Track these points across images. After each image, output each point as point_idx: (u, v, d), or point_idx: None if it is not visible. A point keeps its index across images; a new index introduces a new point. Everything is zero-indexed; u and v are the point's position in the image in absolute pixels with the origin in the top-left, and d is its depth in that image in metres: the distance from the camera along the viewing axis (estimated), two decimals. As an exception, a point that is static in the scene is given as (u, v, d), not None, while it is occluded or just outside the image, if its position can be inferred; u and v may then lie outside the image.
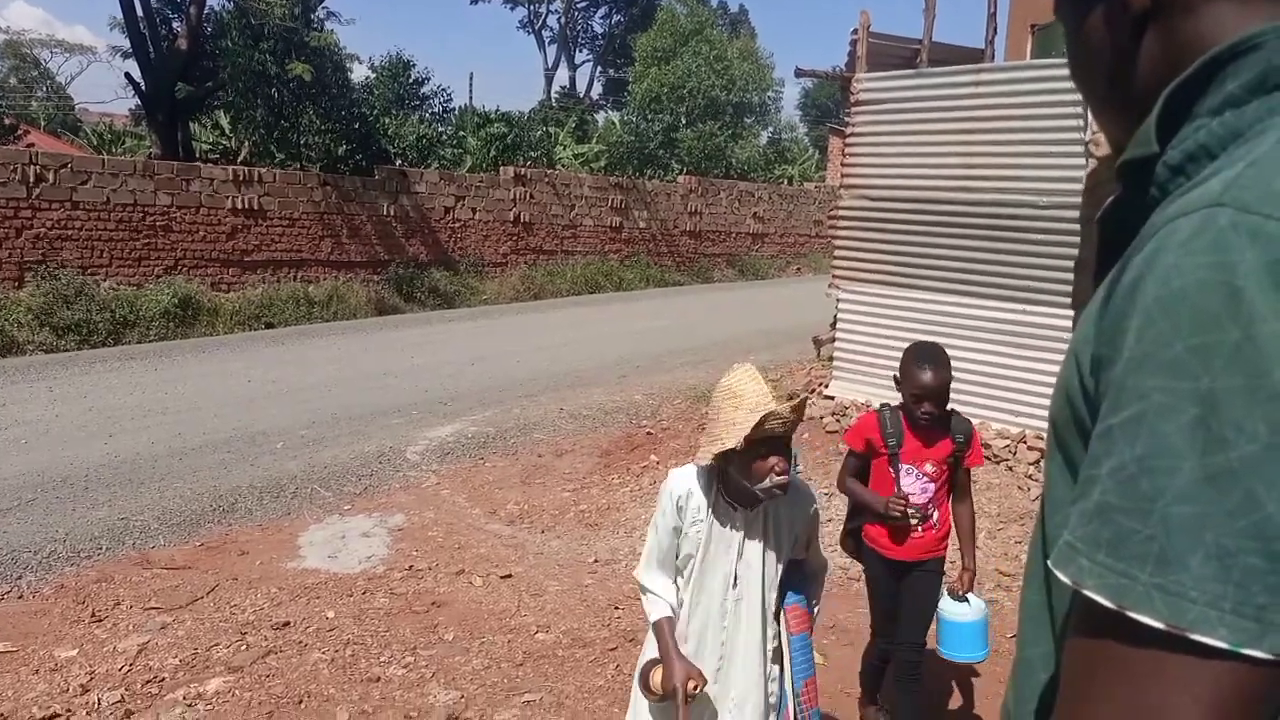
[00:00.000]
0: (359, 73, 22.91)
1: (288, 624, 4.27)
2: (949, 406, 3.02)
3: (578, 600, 4.58)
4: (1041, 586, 0.83)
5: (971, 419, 7.29)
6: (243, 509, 5.81)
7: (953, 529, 3.18)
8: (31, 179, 11.89)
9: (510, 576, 4.85)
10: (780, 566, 2.36)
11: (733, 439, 2.12)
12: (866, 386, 7.71)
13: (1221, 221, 0.61)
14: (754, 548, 2.31)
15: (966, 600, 3.09)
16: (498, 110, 22.53)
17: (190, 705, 3.55)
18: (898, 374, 3.04)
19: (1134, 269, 0.66)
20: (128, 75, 17.51)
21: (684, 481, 2.32)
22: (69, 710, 3.51)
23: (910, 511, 2.98)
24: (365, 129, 17.46)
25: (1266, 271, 0.58)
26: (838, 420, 7.62)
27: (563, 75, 48.05)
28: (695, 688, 2.20)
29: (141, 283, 12.80)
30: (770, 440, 2.15)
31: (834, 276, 8.08)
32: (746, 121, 33.32)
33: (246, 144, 18.82)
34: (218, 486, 6.14)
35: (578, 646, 4.09)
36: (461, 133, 22.00)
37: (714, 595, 2.30)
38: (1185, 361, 0.59)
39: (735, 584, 2.30)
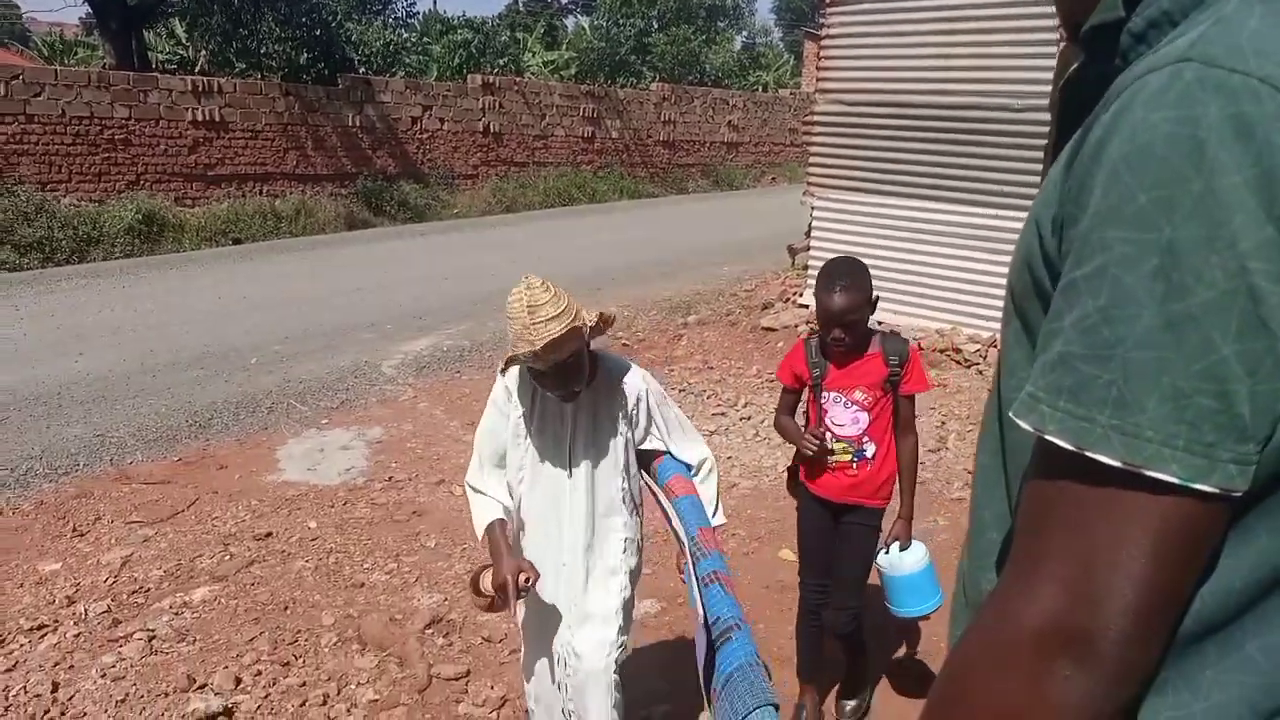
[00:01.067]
0: (317, -24, 22.01)
1: (270, 534, 4.32)
2: (887, 328, 2.81)
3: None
4: (995, 450, 0.86)
5: (941, 325, 7.31)
6: (219, 424, 5.81)
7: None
8: (-19, 91, 11.48)
9: (489, 485, 4.90)
10: (624, 457, 2.34)
11: (506, 358, 2.11)
12: (840, 294, 7.74)
13: (1187, 76, 0.62)
14: (582, 439, 2.30)
15: (906, 550, 2.78)
16: (463, 15, 21.87)
17: (177, 614, 3.61)
18: None
19: (1100, 127, 0.66)
20: (75, -19, 16.78)
21: (515, 369, 2.30)
22: (56, 621, 3.55)
23: (839, 446, 2.72)
24: (327, 36, 16.89)
25: (1229, 124, 0.59)
26: (813, 328, 7.68)
27: (530, -22, 46.46)
28: (527, 580, 2.15)
29: (103, 199, 12.49)
30: (535, 369, 2.13)
31: (808, 183, 8.04)
32: (720, 25, 32.57)
33: (203, 53, 18.18)
34: (192, 402, 6.13)
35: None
36: (426, 39, 21.35)
37: (550, 486, 2.31)
38: (1148, 213, 0.61)
39: (571, 475, 2.30)
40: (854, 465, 2.73)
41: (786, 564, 4.05)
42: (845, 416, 2.71)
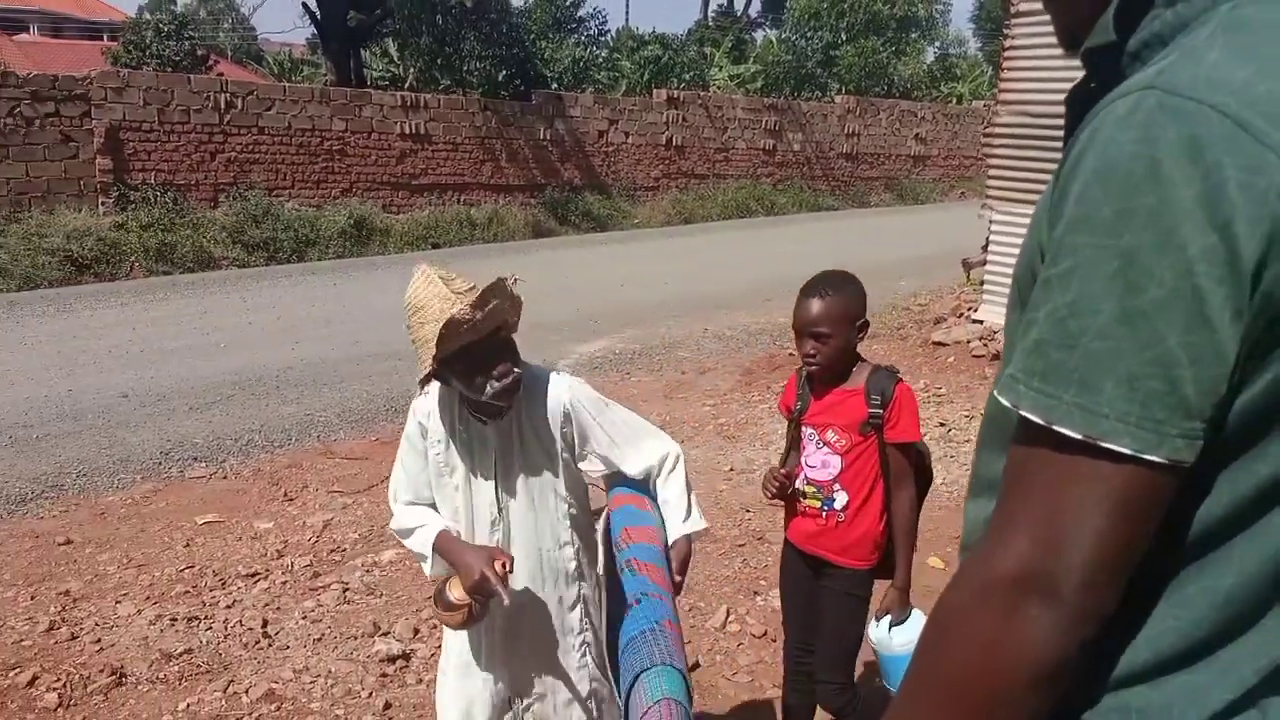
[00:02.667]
0: (517, -3, 23.16)
1: (450, 510, 4.73)
2: (879, 364, 2.43)
3: (711, 503, 4.83)
4: (999, 425, 0.95)
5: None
6: (411, 410, 6.35)
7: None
8: (222, 106, 12.88)
9: (650, 479, 5.15)
10: (561, 489, 2.04)
11: (429, 359, 1.80)
12: (1017, 311, 7.55)
13: (1149, 103, 0.72)
14: (514, 469, 1.99)
15: (902, 623, 2.37)
16: (653, 31, 22.51)
17: (368, 571, 4.05)
18: None
19: (1079, 144, 0.76)
20: (305, 5, 18.40)
21: (427, 400, 2.03)
22: (268, 570, 4.06)
23: (810, 490, 2.43)
24: (523, 54, 17.83)
25: (1183, 146, 0.69)
26: (985, 345, 7.52)
27: (720, -7, 46.95)
28: (504, 566, 1.88)
29: (320, 204, 13.73)
30: (470, 351, 1.82)
31: (988, 196, 7.89)
32: (911, 36, 31.83)
33: (413, 70, 19.56)
34: (390, 389, 6.72)
35: (708, 542, 4.36)
36: (616, 55, 22.10)
37: (482, 534, 2.04)
38: (1111, 222, 0.71)
39: (501, 514, 2.01)
40: (822, 514, 2.41)
41: (934, 571, 4.06)
42: (817, 458, 2.41)
